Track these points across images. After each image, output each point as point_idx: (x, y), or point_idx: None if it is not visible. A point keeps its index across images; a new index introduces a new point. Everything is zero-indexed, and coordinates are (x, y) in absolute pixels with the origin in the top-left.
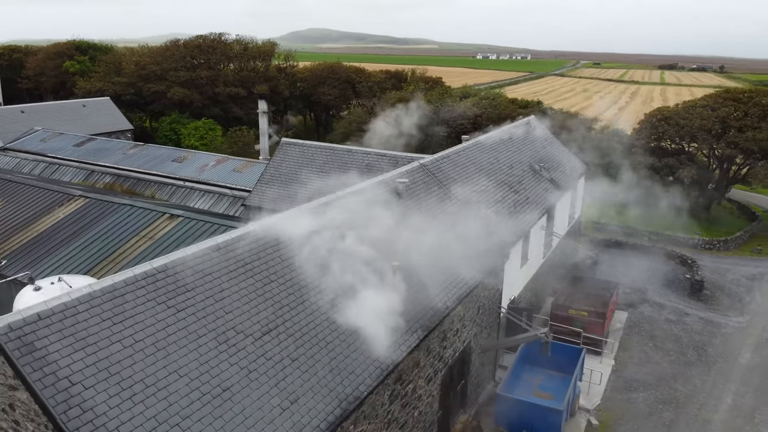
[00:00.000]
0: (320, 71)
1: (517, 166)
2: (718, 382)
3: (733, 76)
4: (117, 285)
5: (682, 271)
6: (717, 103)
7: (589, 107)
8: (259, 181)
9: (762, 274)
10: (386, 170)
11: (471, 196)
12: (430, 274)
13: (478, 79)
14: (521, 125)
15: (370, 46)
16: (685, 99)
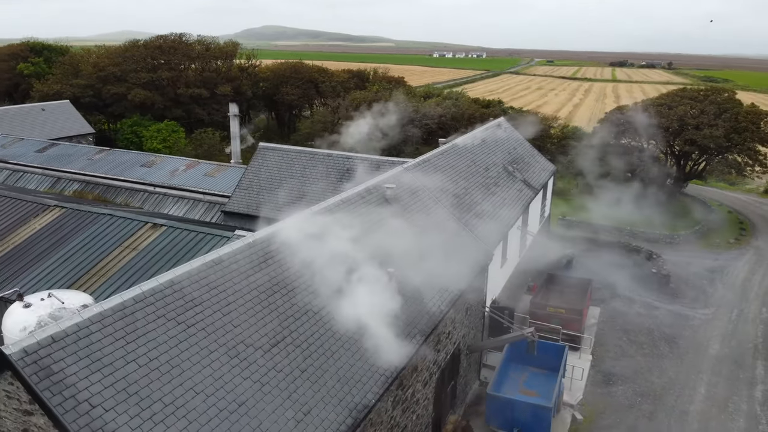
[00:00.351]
0: (283, 71)
1: (493, 168)
2: (691, 374)
3: (681, 72)
4: (126, 303)
5: (648, 266)
6: (674, 102)
7: (544, 105)
8: (238, 186)
9: (721, 266)
10: (368, 174)
11: (454, 200)
12: (423, 278)
13: (436, 77)
14: (492, 127)
15: (326, 44)
16: (636, 95)
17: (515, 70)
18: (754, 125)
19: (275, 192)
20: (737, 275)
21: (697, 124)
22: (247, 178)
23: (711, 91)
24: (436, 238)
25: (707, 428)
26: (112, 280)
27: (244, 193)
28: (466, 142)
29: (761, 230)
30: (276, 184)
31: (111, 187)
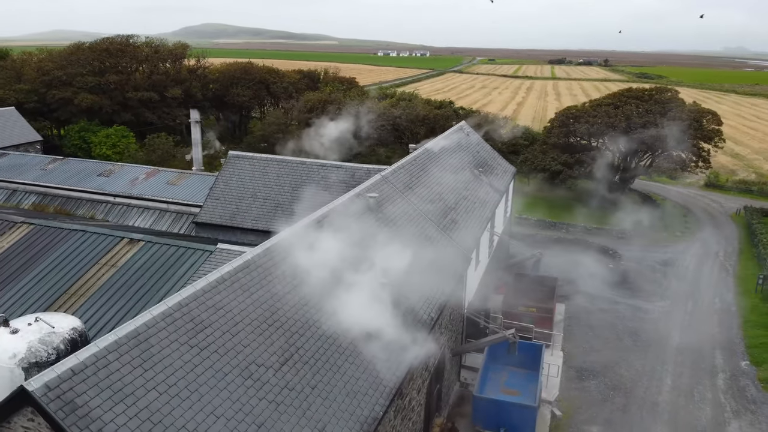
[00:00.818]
0: (233, 72)
1: (461, 172)
2: (656, 365)
3: (617, 69)
4: (139, 329)
5: (605, 262)
6: (621, 102)
7: (489, 104)
8: (209, 196)
9: (672, 259)
10: (344, 182)
11: (430, 206)
12: (412, 286)
13: (383, 76)
14: (456, 131)
15: (268, 42)
16: (575, 92)
17: (459, 69)
18: (697, 123)
19: (249, 202)
20: (687, 267)
21: (644, 123)
22: (218, 187)
23: (655, 90)
24: (420, 246)
25: (677, 418)
26: (93, 300)
27: (216, 203)
28: (435, 147)
29: (704, 222)
30: (249, 193)
31: (70, 198)
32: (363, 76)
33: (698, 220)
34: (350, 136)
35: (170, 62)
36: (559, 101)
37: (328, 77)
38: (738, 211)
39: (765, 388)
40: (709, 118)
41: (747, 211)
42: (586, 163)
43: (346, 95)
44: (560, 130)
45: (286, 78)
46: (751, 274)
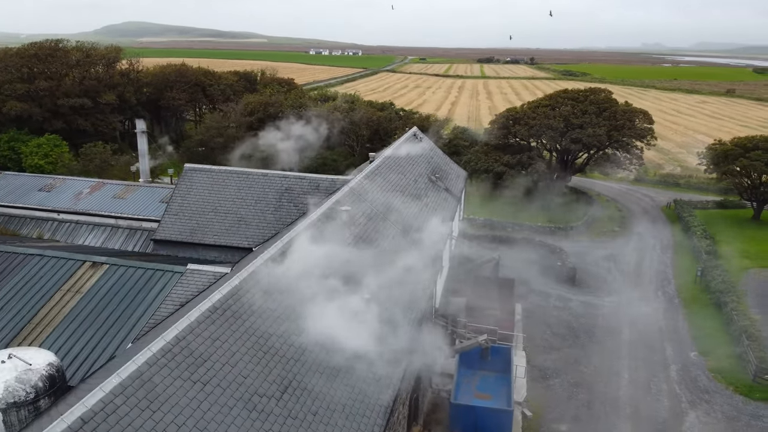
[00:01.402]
0: (167, 75)
1: (420, 179)
2: (613, 360)
3: (542, 67)
4: (142, 369)
5: (553, 260)
6: (558, 103)
7: (425, 104)
8: (167, 212)
9: (612, 255)
10: (309, 194)
11: (398, 216)
12: (391, 298)
13: (316, 75)
14: (410, 138)
15: (195, 40)
16: (505, 90)
17: (391, 68)
18: (630, 122)
19: (209, 216)
20: (628, 261)
21: (582, 123)
22: (175, 202)
23: (590, 91)
24: (394, 258)
25: (638, 412)
26: (61, 329)
27: (175, 219)
28: (393, 155)
29: (638, 217)
30: (209, 207)
31: (13, 217)
32: (296, 75)
33: (633, 214)
34: (296, 141)
35: (102, 66)
36: (491, 100)
37: (266, 78)
38: (669, 204)
39: (716, 378)
40: (641, 117)
41: (677, 205)
42: (526, 163)
43: (287, 97)
44: (501, 132)
45: (223, 80)
46: (688, 266)
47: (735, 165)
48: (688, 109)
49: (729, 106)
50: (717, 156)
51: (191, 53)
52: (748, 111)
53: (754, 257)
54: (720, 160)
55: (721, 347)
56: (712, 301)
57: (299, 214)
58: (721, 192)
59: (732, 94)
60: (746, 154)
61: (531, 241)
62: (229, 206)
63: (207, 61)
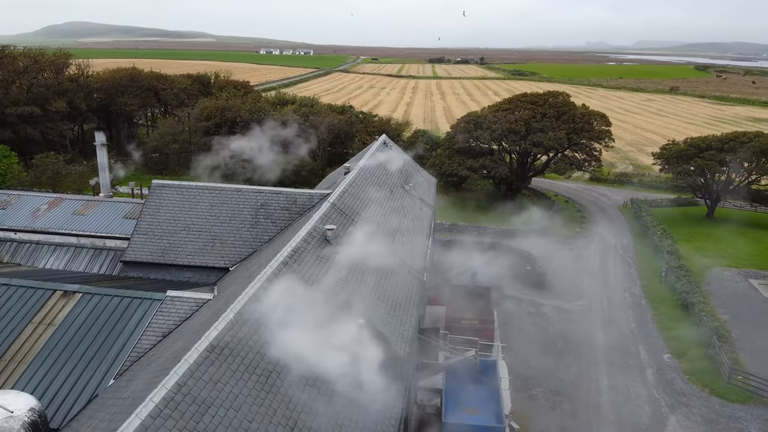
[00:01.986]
0: (118, 79)
1: (395, 189)
2: (590, 366)
3: (492, 67)
4: (146, 423)
5: (522, 264)
6: (517, 107)
7: (380, 104)
8: (136, 231)
9: (578, 256)
10: (286, 209)
11: (379, 229)
12: (382, 319)
13: (268, 76)
14: (381, 146)
15: (141, 40)
16: (457, 90)
17: (344, 68)
18: (589, 125)
19: (182, 235)
20: (593, 263)
21: (542, 126)
22: (144, 221)
23: (549, 95)
24: (381, 277)
25: (621, 418)
26: (35, 366)
27: (145, 239)
28: (367, 166)
29: (597, 216)
30: (181, 226)
31: None
32: (248, 75)
33: (591, 214)
34: (258, 147)
35: (51, 72)
36: (444, 101)
37: (220, 81)
38: (625, 203)
39: (691, 381)
40: (598, 119)
41: (634, 204)
42: (489, 167)
43: (244, 101)
44: (463, 136)
45: (176, 84)
46: (651, 266)
47: (690, 165)
48: (634, 107)
49: (673, 104)
50: (672, 156)
51: (137, 53)
52: (692, 108)
53: (713, 256)
54: (675, 160)
55: (693, 349)
56: (679, 302)
57: (277, 231)
58: (674, 189)
59: (676, 91)
60: (700, 154)
61: (498, 245)
62: (203, 224)
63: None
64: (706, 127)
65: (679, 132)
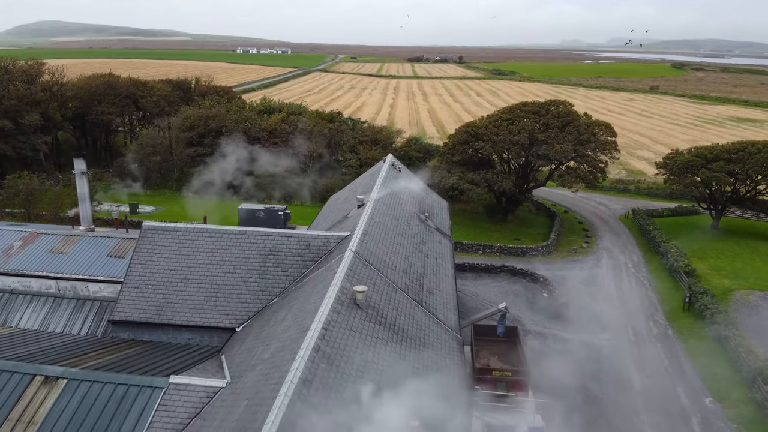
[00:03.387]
0: (95, 87)
1: (412, 221)
2: (632, 417)
3: (471, 66)
4: None
5: (537, 290)
6: (518, 117)
7: (364, 106)
8: (126, 284)
9: (591, 276)
10: (299, 256)
11: (407, 280)
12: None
13: (246, 76)
14: (389, 169)
15: (114, 39)
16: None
17: (323, 68)
18: (594, 135)
19: (179, 288)
20: (609, 285)
21: (546, 138)
22: (135, 271)
23: (550, 103)
24: (419, 345)
25: None
26: None
27: (136, 293)
28: (381, 198)
29: (600, 229)
30: (178, 277)
31: None
32: (224, 75)
33: (594, 226)
34: (245, 160)
35: (23, 82)
36: (427, 102)
37: (201, 87)
38: (627, 213)
39: (739, 430)
40: (604, 129)
41: (636, 215)
42: (492, 180)
43: (228, 109)
44: (463, 147)
45: (156, 91)
46: (669, 288)
47: (697, 176)
48: (617, 107)
49: (655, 103)
50: (678, 167)
51: (110, 53)
52: (674, 107)
53: (732, 276)
54: (681, 171)
55: (735, 391)
56: (710, 335)
57: (289, 281)
58: (673, 197)
59: (656, 90)
60: (707, 165)
61: (510, 268)
62: (203, 274)
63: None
64: (692, 128)
65: (665, 133)
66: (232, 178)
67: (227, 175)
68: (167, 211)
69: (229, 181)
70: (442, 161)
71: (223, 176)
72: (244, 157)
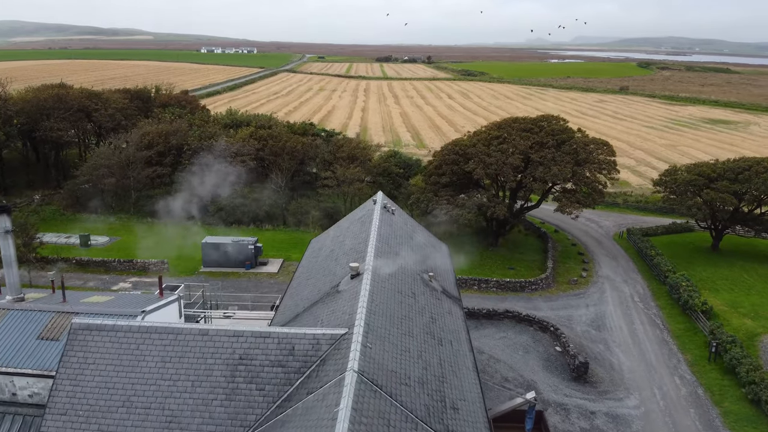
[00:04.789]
0: (43, 100)
1: (417, 289)
2: None
3: (440, 66)
4: None
5: (548, 342)
6: (509, 134)
7: (335, 110)
8: (49, 410)
9: (598, 316)
10: (280, 365)
11: (429, 400)
12: None
13: (211, 77)
14: (381, 213)
15: (74, 39)
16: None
17: (291, 68)
18: (592, 155)
19: (119, 416)
20: (620, 328)
21: (541, 159)
22: (61, 390)
23: (542, 119)
24: None
25: None
26: None
27: (63, 423)
28: (378, 264)
29: (596, 252)
30: (118, 399)
31: None
32: (189, 77)
33: (589, 249)
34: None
35: None
36: (399, 105)
37: (162, 97)
38: (621, 233)
39: None
40: (603, 148)
41: (631, 235)
42: (485, 206)
43: (192, 120)
44: (451, 168)
45: (112, 103)
46: (685, 329)
47: (700, 196)
48: (589, 109)
49: (626, 104)
50: (678, 186)
51: (69, 53)
52: (647, 109)
53: (753, 314)
54: (682, 191)
55: None
56: (749, 397)
57: (267, 406)
58: (664, 211)
59: (626, 91)
60: (711, 185)
61: (513, 314)
62: (151, 395)
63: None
64: (667, 131)
65: (641, 137)
66: (196, 202)
67: (190, 199)
68: (122, 242)
69: (192, 204)
70: (427, 182)
71: (186, 200)
72: (208, 177)
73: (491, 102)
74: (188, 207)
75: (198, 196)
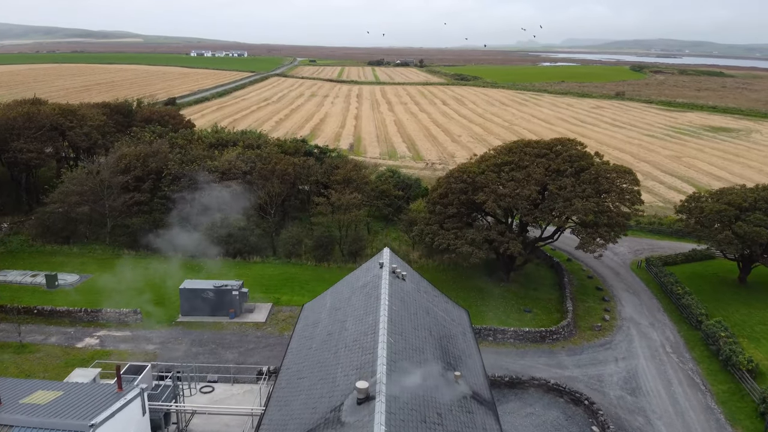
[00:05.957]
0: (11, 120)
1: (443, 402)
2: None
3: (433, 70)
4: None
5: (584, 421)
6: (522, 159)
7: (327, 118)
8: None
9: (630, 375)
10: None
11: None
12: None
13: (200, 82)
14: (390, 281)
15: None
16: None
17: (282, 72)
18: (614, 184)
19: None
20: (658, 392)
21: (559, 188)
22: None
23: (557, 143)
24: None
25: None
26: None
27: None
28: (394, 386)
29: (613, 284)
30: None
31: None
32: (177, 82)
33: (606, 282)
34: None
35: None
36: (393, 112)
37: (144, 110)
38: (639, 263)
39: None
40: (626, 177)
41: (651, 267)
42: (498, 241)
43: (173, 140)
44: (458, 197)
45: (88, 120)
46: (728, 390)
47: (731, 228)
48: (587, 116)
49: (624, 111)
50: (705, 217)
51: (57, 57)
52: (645, 116)
53: None
54: (709, 222)
55: None
56: None
57: None
58: (680, 235)
59: (622, 96)
60: (743, 216)
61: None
62: None
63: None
64: (669, 141)
65: (644, 148)
66: (176, 232)
67: (170, 229)
68: (93, 282)
69: (173, 235)
70: (432, 211)
71: (165, 229)
72: (190, 205)
73: (486, 108)
74: (168, 237)
75: (179, 225)
